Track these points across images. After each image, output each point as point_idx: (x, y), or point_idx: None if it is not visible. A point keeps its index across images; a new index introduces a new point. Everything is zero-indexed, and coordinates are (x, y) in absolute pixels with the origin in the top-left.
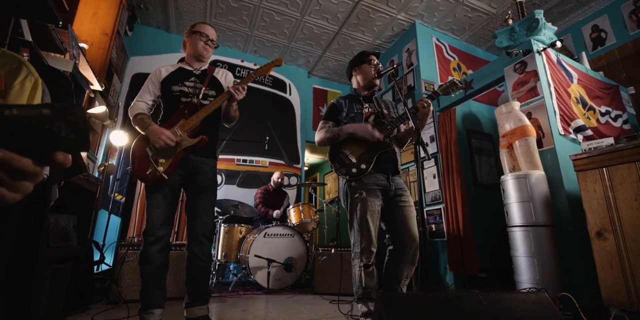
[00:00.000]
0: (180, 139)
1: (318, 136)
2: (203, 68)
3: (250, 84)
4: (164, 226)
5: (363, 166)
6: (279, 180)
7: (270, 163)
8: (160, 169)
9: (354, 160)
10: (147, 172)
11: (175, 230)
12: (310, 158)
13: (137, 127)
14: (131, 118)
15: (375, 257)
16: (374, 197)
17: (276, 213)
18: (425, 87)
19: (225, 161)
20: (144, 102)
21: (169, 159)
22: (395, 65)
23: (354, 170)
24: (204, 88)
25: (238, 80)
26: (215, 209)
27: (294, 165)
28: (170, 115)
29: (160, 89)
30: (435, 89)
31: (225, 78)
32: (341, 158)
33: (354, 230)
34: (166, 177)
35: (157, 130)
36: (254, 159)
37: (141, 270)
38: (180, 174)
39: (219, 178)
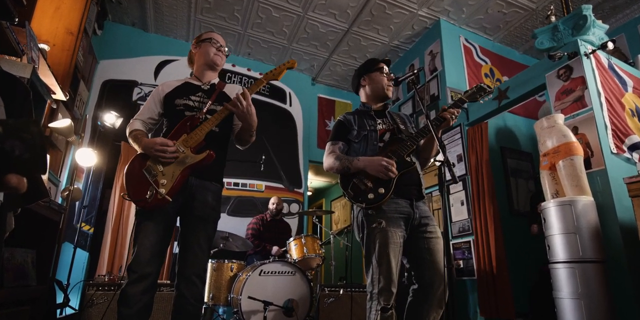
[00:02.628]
0: (183, 155)
1: (327, 162)
2: (212, 82)
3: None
4: (152, 261)
5: (381, 190)
6: (277, 206)
7: (267, 187)
8: (162, 191)
9: (369, 184)
10: (147, 196)
11: None
12: (314, 181)
13: (133, 146)
14: (128, 137)
15: (394, 299)
16: (395, 226)
17: (275, 249)
18: (452, 96)
19: None
20: (141, 120)
21: (171, 179)
22: (415, 71)
23: (370, 195)
24: (210, 102)
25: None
26: None
27: (295, 189)
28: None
29: (162, 105)
30: (461, 95)
31: (235, 93)
32: (355, 184)
33: (371, 266)
34: (170, 200)
35: (150, 142)
36: (248, 182)
37: (119, 313)
38: (177, 199)
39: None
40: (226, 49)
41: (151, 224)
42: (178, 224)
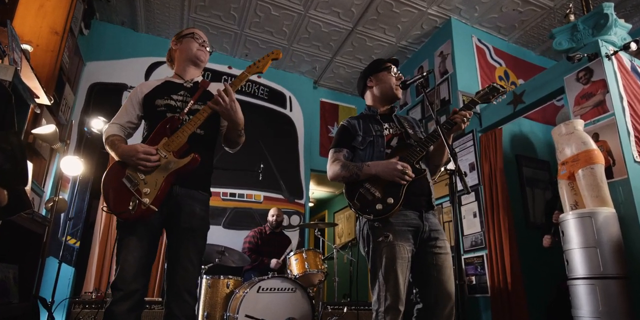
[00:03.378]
0: (166, 160)
1: (331, 170)
2: (195, 80)
3: (236, 97)
4: (138, 278)
5: (390, 200)
6: (276, 218)
7: (266, 198)
8: (146, 200)
9: (377, 194)
10: (130, 207)
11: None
12: (316, 191)
13: (111, 153)
14: (104, 143)
15: (402, 318)
16: (403, 240)
17: (274, 262)
18: (464, 100)
19: None
20: (118, 124)
21: (154, 187)
22: (425, 73)
23: (378, 206)
24: (192, 102)
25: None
26: None
27: (296, 200)
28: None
29: (142, 107)
30: (473, 97)
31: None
32: (361, 194)
33: (377, 283)
34: (155, 209)
35: (130, 149)
36: (245, 192)
37: None
38: (161, 210)
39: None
40: (209, 47)
41: (135, 237)
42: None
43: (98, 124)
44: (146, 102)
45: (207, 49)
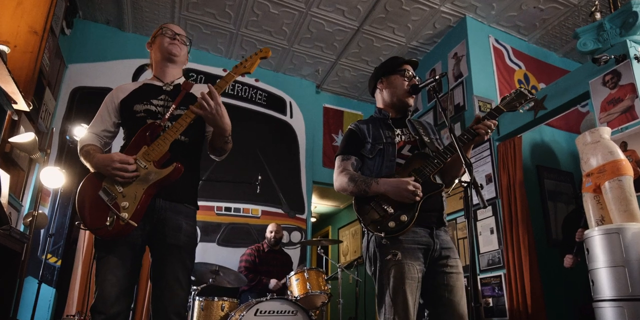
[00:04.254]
0: (146, 171)
1: (338, 181)
2: (176, 82)
3: (232, 102)
4: (119, 300)
5: (404, 218)
6: (275, 235)
7: (264, 212)
8: (125, 215)
9: (390, 210)
10: (107, 223)
11: (132, 305)
12: (319, 205)
13: (86, 164)
14: (79, 154)
15: None
16: (412, 259)
17: (274, 283)
18: (480, 106)
19: (202, 210)
20: (94, 133)
21: (134, 201)
22: (437, 77)
23: (391, 224)
24: (173, 106)
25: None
26: None
27: (297, 215)
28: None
29: (118, 113)
30: (495, 104)
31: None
32: (372, 208)
33: (384, 305)
34: (135, 224)
35: (105, 158)
36: (241, 206)
37: None
38: (143, 226)
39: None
40: (184, 35)
41: (115, 256)
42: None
43: (81, 132)
44: (123, 108)
45: (183, 41)
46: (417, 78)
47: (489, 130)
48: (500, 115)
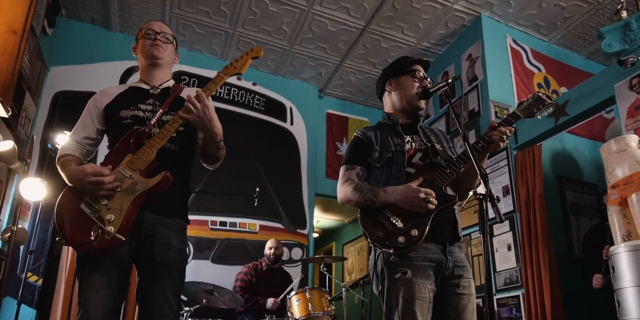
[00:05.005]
0: (131, 181)
1: (342, 192)
2: (165, 85)
3: (227, 108)
4: None
5: (414, 232)
6: (274, 252)
7: (262, 227)
8: (111, 229)
9: (399, 224)
10: (91, 237)
11: None
12: (322, 220)
13: (63, 176)
14: (56, 165)
15: None
16: (423, 278)
17: (271, 302)
18: (496, 112)
19: (194, 224)
20: (75, 141)
21: (120, 213)
22: (450, 80)
23: (401, 239)
24: (161, 111)
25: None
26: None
27: (298, 230)
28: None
29: (103, 119)
30: (512, 110)
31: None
32: (380, 222)
33: None
34: (122, 239)
35: (77, 171)
36: (238, 221)
37: None
38: (130, 242)
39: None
40: (167, 33)
41: (100, 274)
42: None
43: (64, 140)
44: (108, 113)
45: (165, 39)
46: (429, 80)
47: (505, 138)
48: (518, 122)
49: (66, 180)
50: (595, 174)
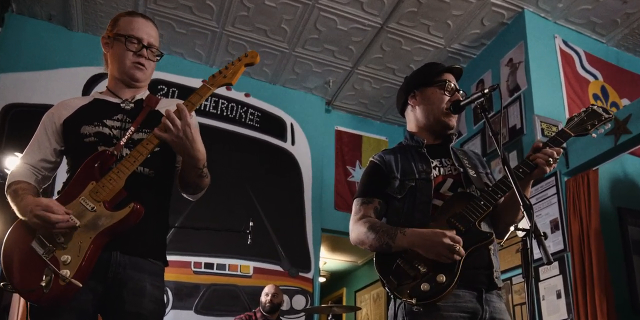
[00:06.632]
0: (93, 215)
1: (354, 232)
2: (138, 98)
3: (214, 124)
4: None
5: (441, 278)
6: (272, 300)
7: (257, 270)
8: (66, 272)
9: (422, 268)
10: (42, 283)
11: None
12: (330, 261)
13: (12, 206)
14: (5, 194)
15: None
16: None
17: None
18: (543, 129)
19: (174, 266)
20: (28, 164)
21: (78, 253)
22: (486, 90)
23: (424, 286)
24: (132, 129)
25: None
26: None
27: (301, 273)
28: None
29: (61, 137)
30: (562, 127)
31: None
32: (399, 267)
33: None
34: (79, 285)
35: (30, 203)
36: (227, 262)
37: None
38: (94, 288)
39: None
40: (156, 46)
41: None
42: None
43: (15, 164)
44: (67, 130)
45: (152, 57)
46: (462, 92)
47: (552, 161)
48: (569, 142)
49: (17, 213)
50: None
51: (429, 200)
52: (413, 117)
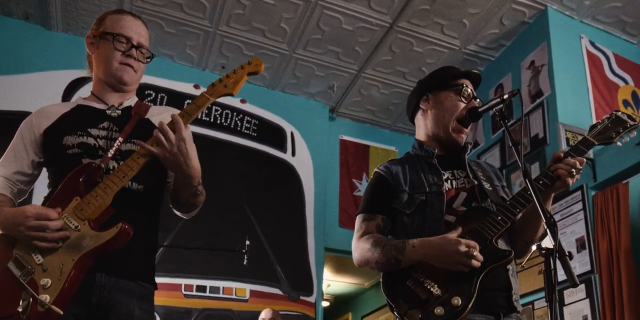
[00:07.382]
0: (77, 234)
1: (357, 250)
2: (126, 104)
3: (206, 133)
4: None
5: (456, 301)
6: None
7: (254, 293)
8: (45, 297)
9: (435, 290)
10: (19, 309)
11: None
12: (334, 283)
13: None
14: None
15: None
16: None
17: None
18: (569, 139)
19: (163, 289)
20: (4, 177)
21: (59, 277)
22: (505, 96)
23: (438, 310)
24: (120, 139)
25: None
26: None
27: (302, 297)
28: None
29: (40, 148)
30: (585, 135)
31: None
32: (409, 288)
33: None
34: (60, 312)
35: (15, 213)
36: (221, 284)
37: None
38: (78, 314)
39: None
40: (146, 47)
41: None
42: None
43: None
44: (48, 141)
45: (141, 58)
46: (479, 101)
47: (575, 172)
48: (598, 153)
49: None
50: None
51: (440, 216)
52: (423, 123)
